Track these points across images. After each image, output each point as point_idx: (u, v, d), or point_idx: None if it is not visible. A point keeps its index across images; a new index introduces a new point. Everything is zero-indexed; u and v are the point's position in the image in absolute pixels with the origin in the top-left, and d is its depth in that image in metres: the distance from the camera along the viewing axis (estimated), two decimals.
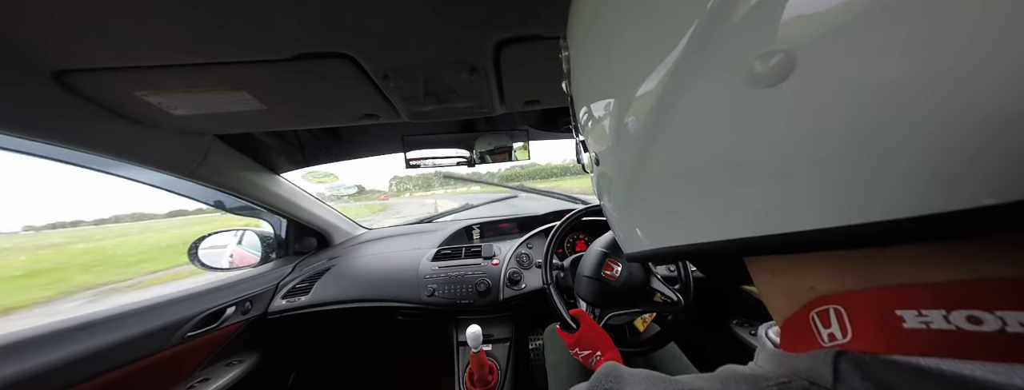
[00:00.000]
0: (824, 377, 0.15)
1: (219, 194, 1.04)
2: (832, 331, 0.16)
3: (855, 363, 0.15)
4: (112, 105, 0.64)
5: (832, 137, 0.13)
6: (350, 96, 0.70)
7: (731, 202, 0.17)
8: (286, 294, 1.18)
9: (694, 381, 0.20)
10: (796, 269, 0.19)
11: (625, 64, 0.21)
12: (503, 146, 1.19)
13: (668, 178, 0.20)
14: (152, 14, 0.43)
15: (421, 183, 26.48)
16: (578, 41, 0.26)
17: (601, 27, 0.23)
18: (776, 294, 0.21)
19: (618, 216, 0.28)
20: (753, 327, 1.15)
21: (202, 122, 0.75)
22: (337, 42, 0.52)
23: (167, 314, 0.86)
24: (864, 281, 0.16)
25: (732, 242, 0.18)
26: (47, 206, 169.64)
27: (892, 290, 0.15)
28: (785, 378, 0.17)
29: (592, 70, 0.25)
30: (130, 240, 20.50)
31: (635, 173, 0.22)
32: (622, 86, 0.21)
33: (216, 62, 0.53)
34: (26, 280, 15.62)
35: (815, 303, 0.17)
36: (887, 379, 0.14)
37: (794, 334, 0.19)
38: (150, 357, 0.80)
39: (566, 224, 0.97)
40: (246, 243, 1.35)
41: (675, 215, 0.21)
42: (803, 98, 0.13)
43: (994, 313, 0.12)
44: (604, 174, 0.27)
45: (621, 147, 0.23)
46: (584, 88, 0.27)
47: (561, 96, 0.84)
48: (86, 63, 0.51)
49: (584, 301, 0.85)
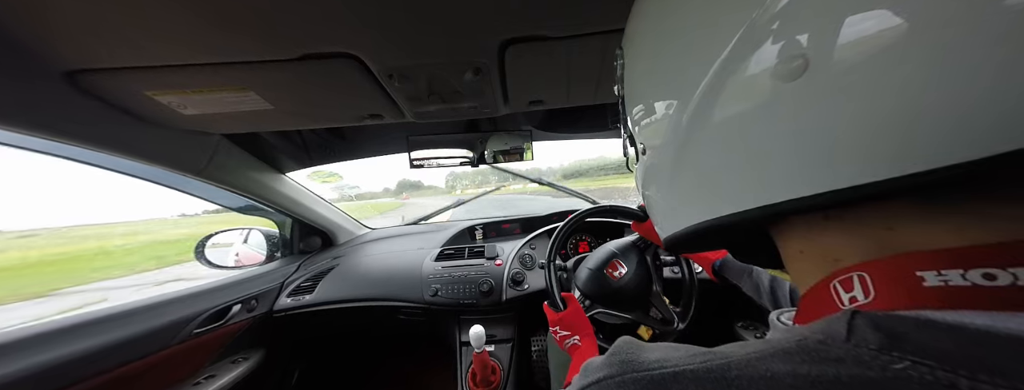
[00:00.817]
0: (838, 332, 0.16)
1: (226, 193, 1.06)
2: (854, 294, 0.18)
3: (869, 319, 0.16)
4: (123, 104, 0.65)
5: (848, 113, 0.16)
6: (355, 96, 0.71)
7: (762, 173, 0.20)
8: (291, 293, 1.20)
9: (711, 348, 0.21)
10: (821, 243, 0.21)
11: (678, 67, 0.25)
12: (517, 147, 1.19)
13: (713, 158, 0.23)
14: (162, 15, 0.44)
15: (477, 180, 26.59)
16: (635, 50, 0.31)
17: (658, 38, 0.28)
18: (804, 268, 0.23)
19: (662, 200, 0.31)
20: (758, 329, 1.14)
21: (210, 121, 0.76)
22: (343, 42, 0.53)
23: (175, 311, 0.87)
24: (884, 251, 0.18)
25: (764, 208, 0.20)
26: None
27: (913, 255, 0.16)
28: (801, 337, 0.17)
29: (648, 72, 0.30)
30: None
31: (681, 157, 0.26)
32: (674, 84, 0.25)
33: (225, 62, 0.54)
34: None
35: (839, 272, 0.19)
36: (897, 330, 0.15)
37: (812, 305, 0.21)
38: (158, 353, 0.81)
39: (569, 225, 0.97)
40: (252, 242, 1.37)
41: (717, 189, 0.24)
42: (819, 85, 0.17)
43: (1007, 270, 0.14)
44: (651, 164, 0.31)
45: (670, 135, 0.26)
46: (638, 88, 0.32)
47: (564, 96, 0.84)
48: (98, 63, 0.52)
49: (579, 292, 0.85)
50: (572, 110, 0.96)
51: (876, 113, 0.15)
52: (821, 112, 0.17)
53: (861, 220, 0.19)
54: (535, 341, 1.44)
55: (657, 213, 0.34)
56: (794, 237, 0.23)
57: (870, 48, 0.15)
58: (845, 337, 0.16)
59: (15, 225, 34.64)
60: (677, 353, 0.21)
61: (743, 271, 0.69)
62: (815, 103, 0.17)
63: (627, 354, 0.23)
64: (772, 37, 0.18)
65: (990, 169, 0.13)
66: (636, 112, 0.32)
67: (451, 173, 33.70)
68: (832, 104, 0.16)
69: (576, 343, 0.66)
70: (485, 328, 0.90)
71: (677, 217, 0.29)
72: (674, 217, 0.29)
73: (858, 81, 0.15)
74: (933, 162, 0.14)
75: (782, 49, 0.18)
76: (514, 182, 3.00)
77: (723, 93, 0.21)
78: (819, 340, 0.16)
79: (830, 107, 0.16)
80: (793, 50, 0.17)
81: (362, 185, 8.27)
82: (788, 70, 0.17)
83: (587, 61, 0.66)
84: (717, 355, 0.19)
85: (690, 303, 0.87)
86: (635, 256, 0.86)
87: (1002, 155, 0.13)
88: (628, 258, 0.85)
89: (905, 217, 0.17)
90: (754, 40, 0.19)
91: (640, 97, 0.31)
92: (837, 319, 0.17)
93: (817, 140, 0.17)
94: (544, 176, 1.63)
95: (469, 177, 35.14)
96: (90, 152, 0.71)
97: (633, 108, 0.32)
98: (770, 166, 0.19)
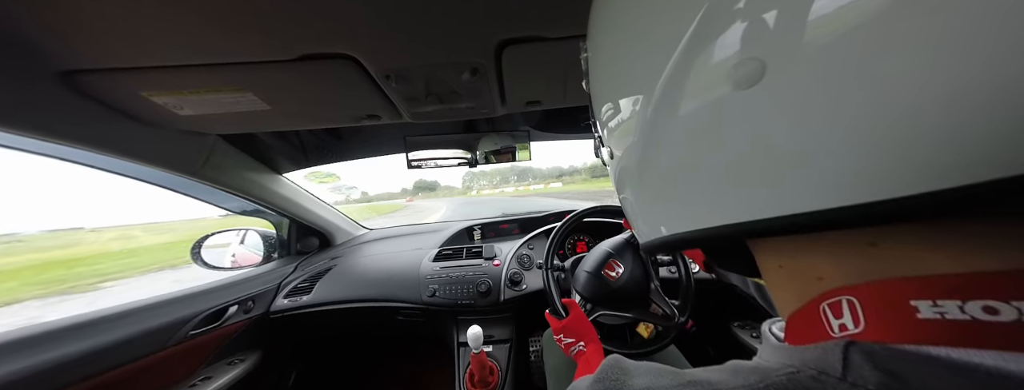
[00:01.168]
0: (833, 367, 0.15)
1: (222, 194, 1.05)
2: (843, 322, 0.16)
3: (865, 353, 0.15)
4: (119, 105, 0.65)
5: (811, 129, 0.14)
6: (353, 97, 0.71)
7: (727, 190, 0.18)
8: (288, 294, 1.19)
9: (701, 373, 0.20)
10: (801, 259, 0.19)
11: (634, 64, 0.23)
12: (507, 146, 1.20)
13: (672, 169, 0.21)
14: (160, 16, 0.43)
15: (495, 180, 26.32)
16: (595, 43, 0.29)
17: (614, 31, 0.25)
18: (783, 284, 0.21)
19: (635, 206, 0.29)
20: (754, 329, 1.15)
21: (207, 122, 0.76)
22: (340, 43, 0.53)
23: (170, 312, 0.87)
24: (871, 273, 0.16)
25: (731, 226, 0.18)
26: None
27: (906, 281, 0.15)
28: (793, 368, 0.16)
29: (606, 69, 0.27)
30: None
31: (645, 164, 0.24)
32: (631, 84, 0.23)
33: (222, 63, 0.54)
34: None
35: (827, 295, 0.18)
36: (897, 368, 0.13)
37: (801, 327, 0.19)
38: (153, 355, 0.81)
39: (567, 225, 0.97)
40: (248, 243, 1.36)
41: (681, 204, 0.22)
42: (778, 95, 0.15)
43: (1011, 303, 0.12)
44: (621, 165, 0.29)
45: (632, 140, 0.24)
46: (599, 86, 0.29)
47: (561, 97, 0.85)
48: (94, 63, 0.52)
49: (579, 295, 0.85)
50: (569, 110, 0.96)
51: (848, 124, 0.13)
52: (781, 123, 0.15)
53: (841, 237, 0.17)
54: (533, 342, 1.45)
55: (630, 216, 0.32)
56: (771, 251, 0.22)
57: (841, 44, 0.13)
58: (841, 374, 0.15)
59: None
60: (664, 380, 0.20)
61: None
62: (774, 113, 0.15)
63: (613, 382, 0.22)
64: (726, 33, 0.16)
65: (996, 196, 0.11)
66: (601, 110, 0.29)
67: (469, 173, 33.15)
68: (795, 113, 0.14)
69: (581, 349, 0.66)
70: (483, 328, 0.89)
71: (648, 223, 0.27)
72: (645, 223, 0.28)
73: (825, 87, 0.13)
74: (918, 185, 0.12)
75: (737, 49, 0.16)
76: (533, 183, 2.95)
77: (681, 92, 0.19)
78: (813, 376, 0.15)
79: (792, 117, 0.14)
80: (748, 51, 0.15)
81: (379, 185, 7.96)
82: (742, 75, 0.15)
83: None
84: (704, 385, 0.18)
85: (688, 300, 0.87)
86: (631, 254, 0.85)
87: (1014, 179, 0.10)
88: (624, 257, 0.85)
89: (890, 232, 0.16)
90: (709, 34, 0.17)
91: (604, 93, 0.28)
92: (831, 349, 0.16)
93: (778, 155, 0.15)
94: (565, 174, 1.62)
95: (486, 177, 34.97)
96: (85, 153, 0.71)
97: (599, 106, 0.30)
98: (732, 181, 0.18)
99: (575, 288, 0.87)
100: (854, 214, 0.14)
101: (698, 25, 0.17)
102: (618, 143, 0.27)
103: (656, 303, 0.83)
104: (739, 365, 0.20)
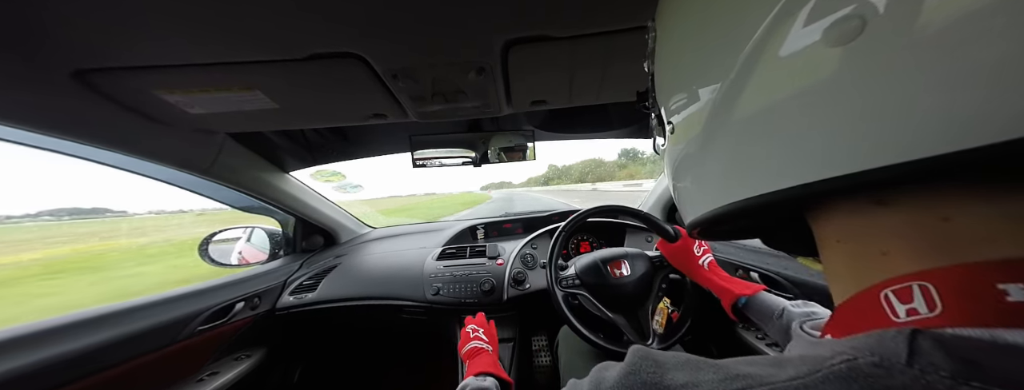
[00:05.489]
0: (896, 353, 0.14)
1: (230, 191, 1.07)
2: (914, 306, 0.15)
3: (935, 339, 0.14)
4: (131, 103, 0.66)
5: (901, 81, 0.14)
6: (359, 96, 0.72)
7: (806, 147, 0.18)
8: (293, 291, 1.20)
9: (742, 366, 0.18)
10: (865, 231, 0.19)
11: (720, 29, 0.23)
12: (520, 145, 1.20)
13: (751, 131, 0.21)
14: (173, 15, 0.44)
15: (574, 177, 26.34)
16: (668, 21, 0.29)
17: (695, 4, 0.26)
18: (842, 261, 0.20)
19: (692, 182, 0.29)
20: (759, 331, 1.14)
21: (216, 120, 0.77)
22: (349, 43, 0.53)
23: (179, 308, 0.88)
24: (942, 251, 0.15)
25: (806, 186, 0.18)
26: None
27: (992, 265, 0.14)
28: (849, 356, 0.15)
29: (684, 40, 0.27)
30: None
31: (716, 133, 0.24)
32: (712, 54, 0.23)
33: (233, 62, 0.55)
34: None
35: (893, 281, 0.17)
36: (973, 356, 0.13)
37: (851, 315, 0.19)
38: (162, 350, 0.82)
39: (571, 225, 0.97)
40: (255, 240, 1.37)
41: (755, 166, 0.21)
42: (874, 51, 0.15)
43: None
44: (682, 144, 0.29)
45: (705, 111, 0.24)
46: (672, 60, 0.29)
47: (567, 96, 0.85)
48: (107, 62, 0.53)
49: (574, 271, 0.91)
50: (574, 110, 0.96)
51: (947, 75, 0.13)
52: (880, 79, 0.15)
53: (915, 207, 0.16)
54: (536, 341, 1.45)
55: (685, 197, 0.31)
56: (834, 223, 0.21)
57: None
58: (906, 360, 0.14)
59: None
60: (705, 375, 0.18)
61: (771, 313, 0.56)
62: (873, 68, 0.15)
63: (649, 374, 0.20)
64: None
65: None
66: (667, 88, 0.30)
67: (552, 169, 32.18)
68: (895, 68, 0.14)
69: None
70: None
71: (706, 198, 0.27)
72: (703, 199, 0.27)
73: (924, 42, 0.13)
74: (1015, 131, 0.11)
75: (832, 6, 0.16)
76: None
77: (766, 59, 0.19)
78: (874, 363, 0.14)
79: (891, 73, 0.14)
80: (845, 8, 0.15)
81: (447, 185, 7.72)
82: (841, 32, 0.15)
83: (590, 61, 0.66)
84: (752, 379, 0.17)
85: (690, 309, 0.86)
86: (645, 267, 0.86)
87: None
88: (636, 265, 0.85)
89: (966, 205, 0.15)
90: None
91: (672, 71, 0.29)
92: (892, 337, 0.15)
93: (877, 107, 0.15)
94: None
95: (568, 174, 34.46)
96: (99, 151, 0.72)
97: (664, 84, 0.30)
98: (817, 139, 0.17)
99: (575, 265, 0.89)
100: (967, 159, 0.13)
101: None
102: (686, 113, 0.27)
103: (640, 320, 0.84)
104: (778, 358, 0.18)
